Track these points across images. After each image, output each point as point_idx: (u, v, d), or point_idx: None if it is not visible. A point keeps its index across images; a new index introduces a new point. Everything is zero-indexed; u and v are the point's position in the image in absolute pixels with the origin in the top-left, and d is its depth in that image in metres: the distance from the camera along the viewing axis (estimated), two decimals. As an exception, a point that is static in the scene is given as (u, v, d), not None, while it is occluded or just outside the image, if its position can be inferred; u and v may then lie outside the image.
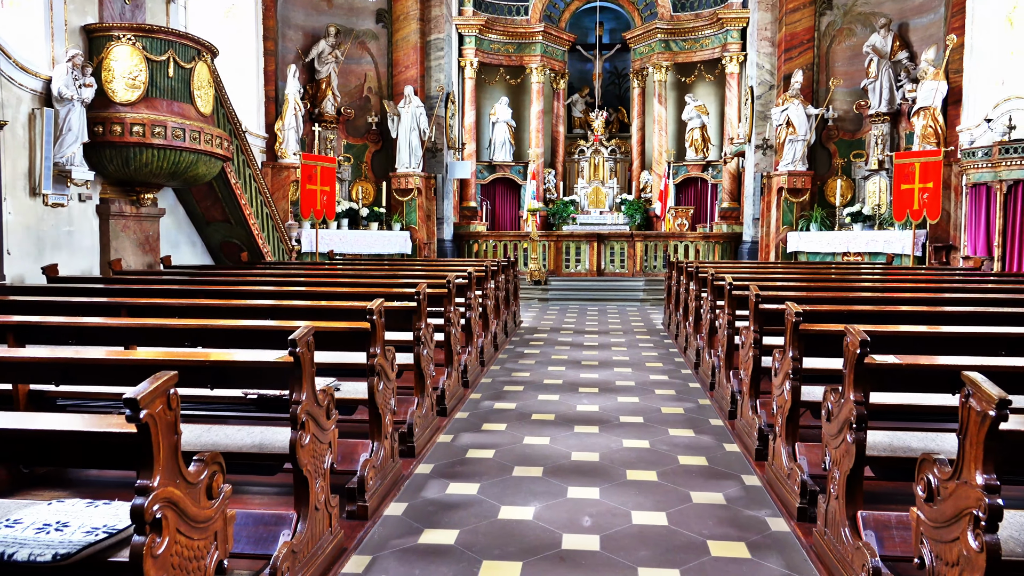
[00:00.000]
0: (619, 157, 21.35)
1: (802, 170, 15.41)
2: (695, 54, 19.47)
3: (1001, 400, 2.25)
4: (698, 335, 8.36)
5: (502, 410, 6.48)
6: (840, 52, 15.64)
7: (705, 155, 19.73)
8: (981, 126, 11.98)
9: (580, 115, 22.21)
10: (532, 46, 19.86)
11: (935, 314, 5.36)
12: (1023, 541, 2.44)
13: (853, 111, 15.65)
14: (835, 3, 15.56)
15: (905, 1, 14.73)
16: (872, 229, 14.66)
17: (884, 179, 14.81)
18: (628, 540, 3.84)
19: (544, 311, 13.99)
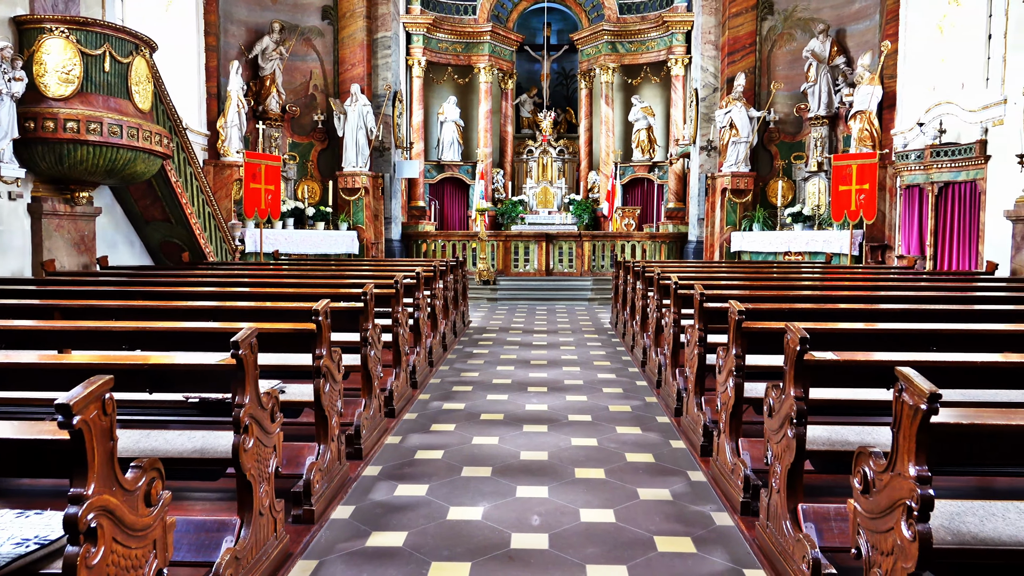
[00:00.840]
0: (567, 157, 21.49)
1: (745, 171, 15.74)
2: (641, 56, 19.73)
3: (932, 394, 2.33)
4: (645, 334, 8.46)
5: (451, 410, 6.46)
6: (781, 56, 16.03)
7: (651, 156, 20.01)
8: (914, 130, 12.42)
9: (528, 115, 22.29)
10: (480, 46, 19.86)
11: (871, 312, 5.53)
12: (953, 529, 2.53)
13: (794, 114, 16.05)
14: (776, 8, 15.94)
15: (842, 8, 15.18)
16: (812, 229, 15.07)
17: (823, 180, 15.23)
18: (576, 538, 3.86)
19: (493, 311, 14.00)
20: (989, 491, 4.21)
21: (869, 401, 4.24)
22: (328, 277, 8.72)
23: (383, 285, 6.90)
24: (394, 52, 16.87)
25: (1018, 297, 6.60)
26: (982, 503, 2.72)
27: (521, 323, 12.22)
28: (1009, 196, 9.64)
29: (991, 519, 2.59)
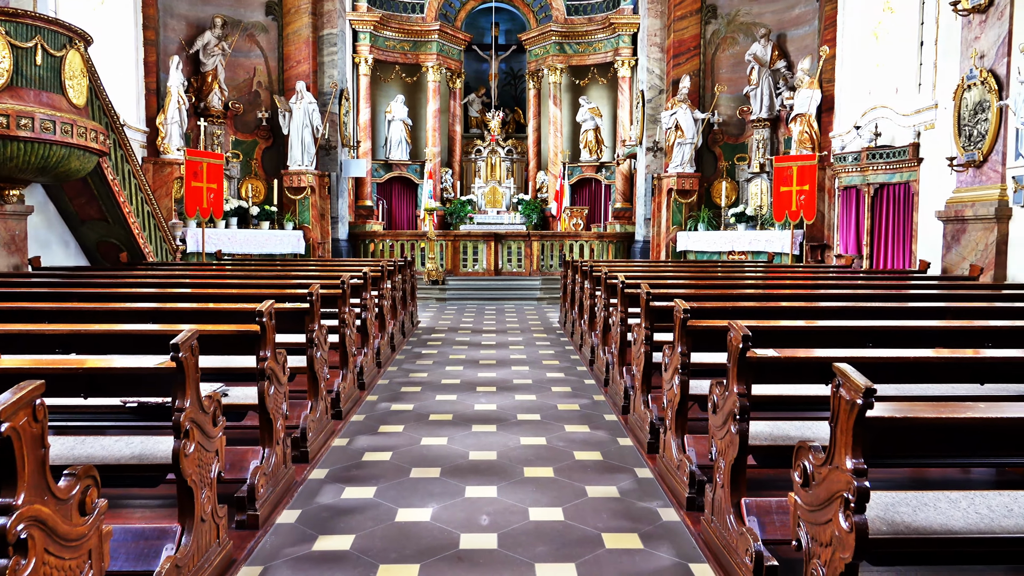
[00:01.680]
0: (516, 157, 21.55)
1: (690, 172, 16.01)
2: (588, 57, 19.90)
3: (867, 389, 2.40)
4: (593, 333, 8.54)
5: (399, 411, 6.41)
6: (724, 59, 16.34)
7: (599, 156, 20.20)
8: (851, 133, 12.80)
9: (477, 115, 22.28)
10: (428, 44, 19.76)
11: (811, 309, 5.68)
12: (888, 519, 2.61)
13: (737, 116, 16.38)
14: (719, 12, 16.24)
15: (783, 13, 15.55)
16: (755, 229, 15.40)
17: (765, 181, 15.58)
18: (525, 537, 3.87)
19: (442, 311, 13.94)
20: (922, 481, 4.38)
21: (809, 396, 4.35)
22: (273, 277, 8.57)
23: (330, 285, 6.81)
24: (340, 49, 16.66)
25: (948, 295, 6.86)
26: (915, 493, 2.82)
27: (470, 323, 12.20)
28: (940, 197, 10.01)
29: (923, 508, 2.68)
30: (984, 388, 4.32)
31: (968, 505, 2.71)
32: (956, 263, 9.50)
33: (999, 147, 8.79)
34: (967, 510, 2.67)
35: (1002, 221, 8.77)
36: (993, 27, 8.88)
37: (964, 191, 9.41)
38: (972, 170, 9.24)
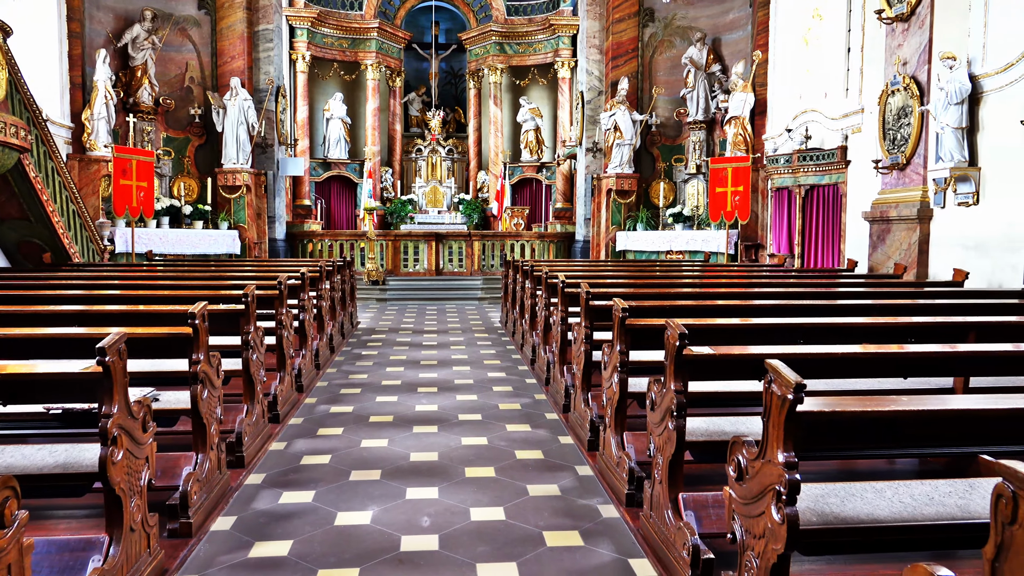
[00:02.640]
0: (456, 157, 21.50)
1: (629, 173, 16.23)
2: (529, 58, 19.99)
3: (798, 384, 2.47)
4: (534, 332, 8.57)
5: (339, 413, 6.32)
6: (662, 62, 16.62)
7: (540, 157, 20.31)
8: (783, 135, 13.18)
9: (417, 114, 22.15)
10: (367, 42, 19.56)
11: (746, 307, 5.82)
12: (818, 511, 2.69)
13: (674, 118, 16.68)
14: (657, 16, 16.51)
15: (718, 18, 15.91)
16: (692, 229, 15.72)
17: (701, 182, 15.91)
18: (467, 537, 3.87)
19: (382, 311, 13.81)
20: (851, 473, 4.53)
21: (744, 392, 4.45)
22: (207, 278, 8.35)
23: (266, 286, 6.67)
24: (277, 45, 16.33)
25: (874, 292, 7.12)
26: (844, 484, 2.91)
27: (411, 323, 12.11)
28: (866, 199, 10.39)
29: (851, 499, 2.77)
30: (907, 382, 4.51)
31: (893, 495, 2.81)
32: (882, 262, 9.87)
33: (921, 150, 9.17)
34: (892, 499, 2.77)
35: (924, 222, 9.16)
36: (915, 35, 9.26)
37: (888, 193, 9.79)
38: (896, 172, 9.62)
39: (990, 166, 8.25)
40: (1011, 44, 7.98)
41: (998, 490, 1.63)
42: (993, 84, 8.17)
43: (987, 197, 8.27)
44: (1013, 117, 7.73)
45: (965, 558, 3.14)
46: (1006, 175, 7.94)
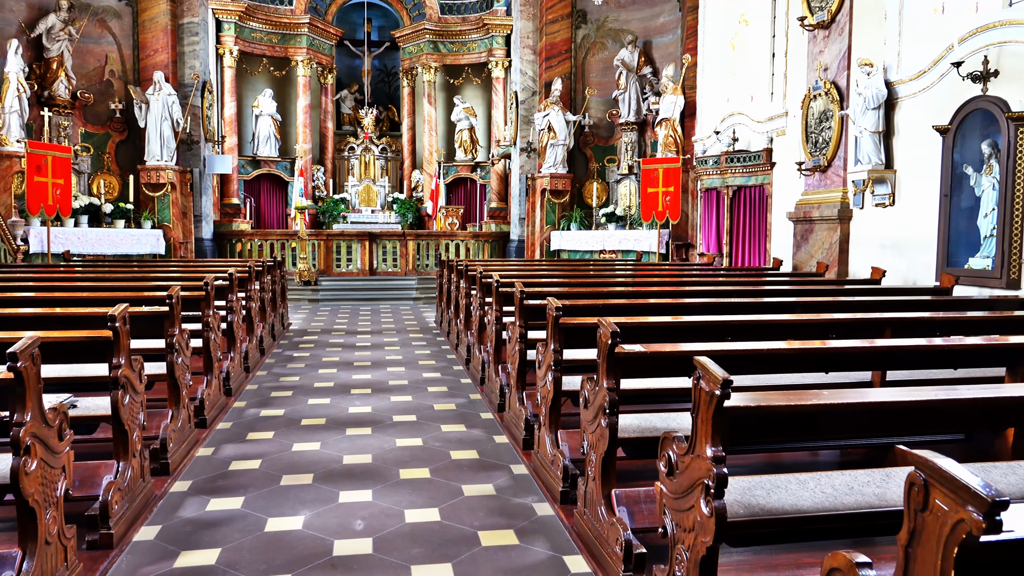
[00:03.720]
0: (390, 155, 21.29)
1: (563, 173, 16.37)
2: (463, 57, 19.95)
3: (725, 380, 2.53)
4: (469, 332, 8.56)
5: (269, 417, 6.18)
6: (594, 64, 16.82)
7: (474, 156, 20.29)
8: (711, 137, 13.50)
9: (350, 112, 21.85)
10: (297, 38, 19.19)
11: (676, 306, 5.93)
12: (745, 503, 2.76)
13: (607, 119, 16.90)
14: (589, 18, 16.70)
15: (649, 21, 16.18)
16: (624, 228, 15.95)
17: (634, 183, 16.16)
18: (401, 539, 3.83)
19: (315, 312, 13.57)
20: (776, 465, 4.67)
21: (675, 389, 4.54)
22: (129, 279, 8.06)
23: (192, 287, 6.47)
24: (203, 39, 15.85)
25: (798, 290, 7.37)
26: (770, 477, 2.99)
27: (344, 324, 11.94)
28: (790, 199, 10.73)
29: (776, 491, 2.86)
30: (829, 376, 4.67)
31: (815, 485, 2.91)
32: (805, 260, 10.21)
33: (841, 153, 9.52)
34: (814, 490, 2.86)
35: (844, 222, 9.51)
36: (835, 42, 9.61)
37: (811, 194, 10.14)
38: (818, 174, 9.97)
39: (905, 169, 8.62)
40: (923, 52, 8.36)
41: (911, 479, 1.70)
42: (907, 90, 8.55)
43: (902, 198, 8.65)
44: (925, 122, 8.10)
45: (883, 544, 3.27)
46: (919, 177, 8.32)
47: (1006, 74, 7.13)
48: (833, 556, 1.95)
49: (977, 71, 7.29)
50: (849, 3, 9.33)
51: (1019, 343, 3.92)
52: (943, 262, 7.81)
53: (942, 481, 1.61)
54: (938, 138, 7.82)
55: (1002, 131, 6.99)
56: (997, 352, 3.99)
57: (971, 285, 7.40)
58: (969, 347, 3.99)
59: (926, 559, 1.66)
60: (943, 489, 1.61)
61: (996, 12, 7.61)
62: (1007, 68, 7.12)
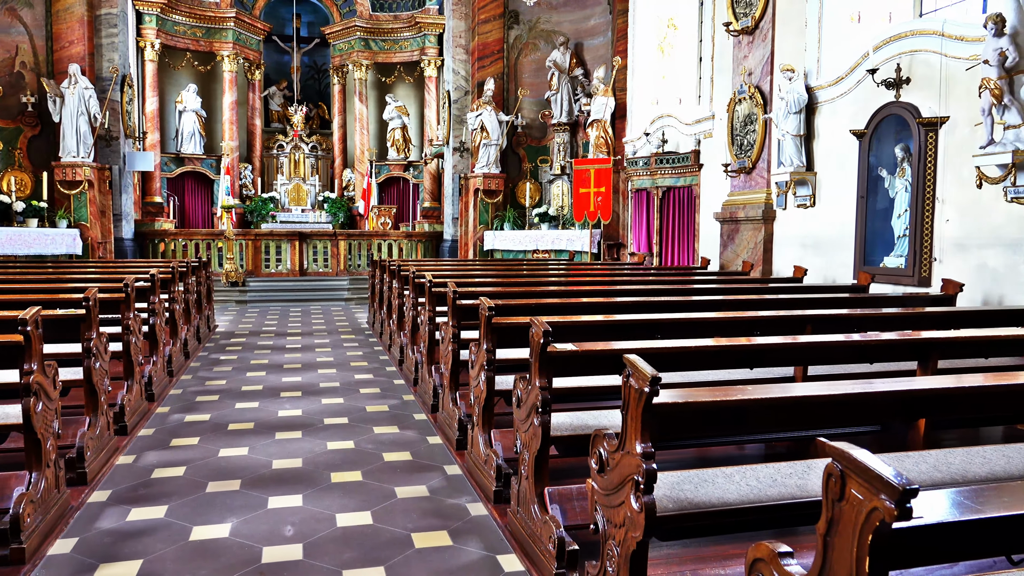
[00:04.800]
0: (321, 154, 20.94)
1: (496, 173, 16.39)
2: (395, 55, 19.78)
3: (653, 378, 2.58)
4: (402, 332, 8.49)
5: (194, 422, 5.99)
6: (527, 64, 16.90)
7: (407, 155, 20.14)
8: (641, 139, 13.73)
9: (279, 109, 21.39)
10: (223, 32, 18.68)
11: (608, 304, 6.01)
12: (674, 497, 2.82)
13: (539, 120, 17.00)
14: (522, 19, 16.77)
15: (580, 23, 16.36)
16: (557, 228, 16.08)
17: (566, 183, 16.31)
18: (332, 544, 3.77)
19: (242, 314, 13.23)
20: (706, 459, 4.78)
21: (606, 387, 4.60)
22: (42, 281, 7.70)
23: (111, 289, 6.22)
24: (122, 31, 15.24)
25: (725, 289, 7.56)
26: (697, 471, 3.06)
27: (273, 326, 11.68)
28: (717, 200, 11.01)
29: (704, 485, 2.93)
30: (754, 372, 4.81)
31: (741, 479, 2.99)
32: (732, 260, 10.49)
33: (765, 155, 9.82)
34: (740, 483, 2.94)
35: (768, 222, 9.81)
36: (759, 48, 9.91)
37: (737, 195, 10.42)
38: (743, 176, 10.25)
39: (824, 171, 8.95)
40: (841, 59, 8.70)
41: (828, 470, 1.77)
42: (826, 96, 8.87)
43: (822, 200, 8.97)
44: (843, 126, 8.42)
45: (805, 534, 3.38)
46: (837, 180, 8.65)
47: (917, 81, 7.48)
48: (757, 547, 2.01)
49: (891, 78, 7.62)
50: (772, 10, 9.63)
51: (929, 338, 4.12)
52: (860, 261, 8.13)
53: (857, 471, 1.68)
54: (855, 142, 8.14)
55: (914, 136, 7.33)
56: (910, 347, 4.18)
57: (886, 283, 7.73)
58: (884, 342, 4.17)
59: (843, 547, 1.72)
60: (858, 479, 1.68)
61: (908, 22, 7.98)
62: (918, 76, 7.47)
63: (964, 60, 6.81)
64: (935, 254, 7.25)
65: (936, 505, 1.81)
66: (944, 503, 1.84)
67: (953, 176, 7.03)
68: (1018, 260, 6.40)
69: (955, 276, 6.85)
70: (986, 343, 4.33)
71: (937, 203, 7.21)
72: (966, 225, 6.93)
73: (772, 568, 1.95)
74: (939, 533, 1.75)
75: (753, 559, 2.02)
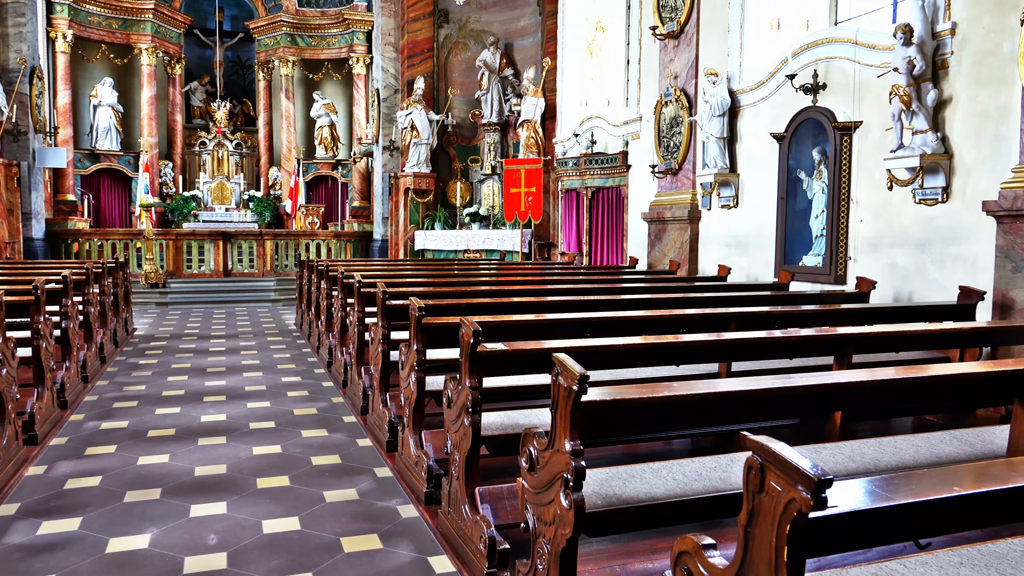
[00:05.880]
0: (246, 151, 20.41)
1: (426, 172, 16.29)
2: (322, 52, 19.43)
3: (582, 376, 2.60)
4: (330, 334, 8.35)
5: (111, 430, 5.76)
6: (457, 64, 16.85)
7: (335, 154, 19.81)
8: (571, 140, 13.88)
9: (201, 105, 20.74)
10: (141, 24, 18.00)
11: (539, 304, 6.05)
12: (603, 494, 2.86)
13: (470, 119, 16.98)
14: (451, 18, 16.71)
15: (510, 23, 16.40)
16: (488, 228, 16.09)
17: (497, 183, 16.34)
18: (258, 552, 3.67)
19: (163, 316, 12.78)
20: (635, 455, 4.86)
21: (538, 386, 4.62)
22: (-57, 283, 7.25)
23: (19, 291, 5.91)
24: (30, 21, 14.52)
25: (652, 287, 7.71)
26: (625, 467, 3.11)
27: (196, 329, 11.32)
28: (645, 201, 11.22)
29: (632, 481, 2.97)
30: (680, 369, 4.92)
31: (667, 473, 3.05)
32: (659, 259, 10.70)
33: (690, 157, 10.05)
34: (667, 478, 3.00)
35: (694, 222, 10.05)
36: (684, 52, 10.14)
37: (664, 195, 10.64)
38: (670, 177, 10.47)
39: (747, 173, 9.22)
40: (762, 64, 8.98)
41: (749, 463, 1.82)
42: (748, 99, 9.14)
43: (745, 200, 9.25)
44: (764, 129, 8.70)
45: (729, 526, 3.47)
46: (759, 181, 8.93)
47: (832, 87, 7.78)
48: (682, 540, 2.05)
49: (808, 83, 7.91)
50: (696, 15, 9.86)
51: (845, 334, 4.29)
52: (781, 259, 8.41)
53: (776, 464, 1.73)
54: (775, 144, 8.42)
55: (830, 139, 7.63)
56: (826, 342, 4.35)
57: (805, 281, 8.02)
58: (803, 338, 4.32)
59: (763, 537, 1.77)
60: (777, 471, 1.73)
61: (824, 30, 8.29)
62: (833, 81, 7.77)
63: (876, 67, 7.12)
64: (850, 253, 7.56)
65: (850, 494, 1.89)
66: (858, 492, 1.92)
67: (866, 178, 7.35)
68: (925, 259, 6.73)
69: (868, 274, 7.17)
70: (897, 338, 4.54)
71: (852, 204, 7.52)
72: (878, 225, 7.25)
73: (696, 560, 1.99)
74: (853, 521, 1.82)
75: (678, 552, 2.06)
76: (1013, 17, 5.77)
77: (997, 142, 6.06)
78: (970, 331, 4.92)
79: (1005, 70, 5.96)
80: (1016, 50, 5.56)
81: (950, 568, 2.15)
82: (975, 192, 6.23)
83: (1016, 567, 2.15)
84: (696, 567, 2.00)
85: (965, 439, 3.58)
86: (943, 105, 6.51)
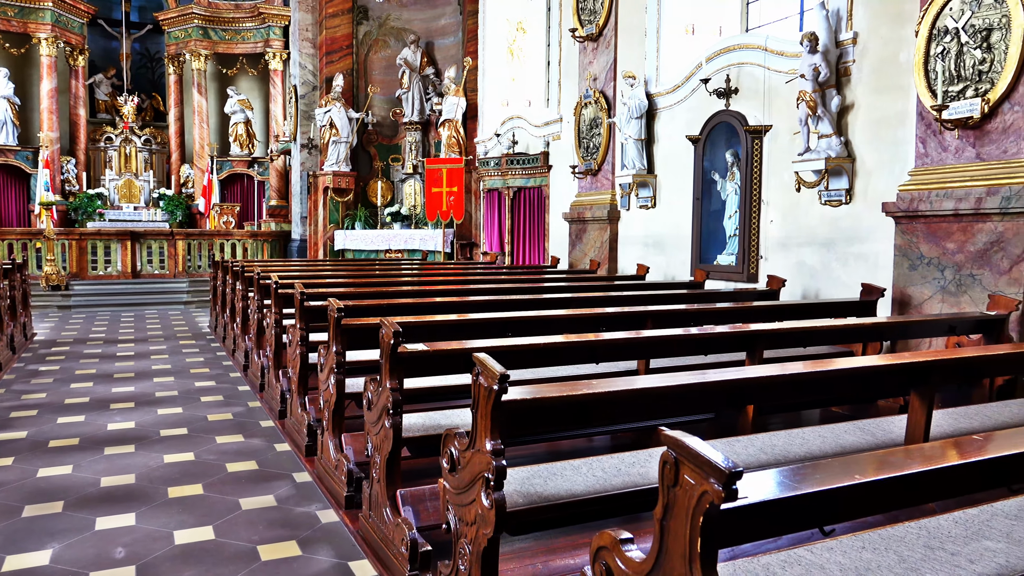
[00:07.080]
0: (156, 148, 19.64)
1: (346, 171, 16.03)
2: (237, 46, 18.88)
3: (502, 376, 2.61)
4: (247, 336, 8.11)
5: (8, 441, 5.44)
6: (377, 61, 16.64)
7: (251, 151, 19.29)
8: (493, 139, 13.90)
9: (106, 98, 19.84)
10: (40, 12, 17.08)
11: (461, 304, 6.03)
12: (524, 492, 2.87)
13: (391, 118, 16.79)
14: (371, 15, 16.49)
15: (431, 22, 16.31)
16: (410, 228, 15.96)
17: (418, 182, 16.21)
18: (170, 563, 3.54)
19: (66, 321, 12.16)
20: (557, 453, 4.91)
21: (458, 386, 4.61)
22: None
23: (-97, 295, 5.52)
24: (-85, 6, 13.59)
25: (573, 287, 7.81)
26: (547, 465, 3.13)
27: (102, 333, 10.82)
28: (566, 201, 11.34)
29: (553, 478, 3.00)
30: (600, 366, 4.99)
31: (588, 470, 3.09)
32: (580, 258, 10.84)
33: (610, 158, 10.22)
34: (587, 475, 3.04)
35: (613, 222, 10.22)
36: (603, 54, 10.30)
37: (584, 196, 10.78)
38: (590, 177, 10.62)
39: (664, 174, 9.44)
40: (677, 68, 9.21)
41: (664, 457, 1.86)
42: (665, 102, 9.36)
43: (662, 201, 9.46)
44: (680, 132, 8.92)
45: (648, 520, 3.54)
46: (675, 182, 9.15)
47: (744, 92, 8.05)
48: (600, 535, 2.08)
49: (721, 88, 8.16)
50: (614, 19, 10.03)
51: (756, 330, 4.44)
52: (696, 259, 8.65)
53: (689, 457, 1.78)
54: (691, 147, 8.65)
55: (742, 142, 7.89)
56: (739, 339, 4.49)
57: (720, 279, 8.27)
58: (717, 335, 4.45)
59: (678, 530, 1.81)
60: (690, 464, 1.77)
61: (735, 36, 8.56)
62: (745, 86, 8.04)
63: (785, 74, 7.40)
64: (761, 252, 7.83)
65: (760, 485, 1.95)
66: (767, 483, 1.99)
67: (776, 180, 7.63)
68: (831, 258, 7.05)
69: (779, 272, 7.45)
70: (805, 334, 4.73)
71: (763, 205, 7.80)
72: (787, 226, 7.54)
73: (614, 555, 2.02)
74: (762, 511, 1.89)
75: (597, 547, 2.08)
76: (909, 28, 6.09)
77: (895, 146, 6.39)
78: (871, 326, 5.17)
79: (902, 78, 6.30)
80: (912, 60, 5.88)
81: (853, 552, 2.25)
82: (875, 194, 6.55)
83: (912, 548, 2.27)
84: (614, 562, 2.03)
85: (867, 429, 3.75)
86: (846, 111, 6.82)
